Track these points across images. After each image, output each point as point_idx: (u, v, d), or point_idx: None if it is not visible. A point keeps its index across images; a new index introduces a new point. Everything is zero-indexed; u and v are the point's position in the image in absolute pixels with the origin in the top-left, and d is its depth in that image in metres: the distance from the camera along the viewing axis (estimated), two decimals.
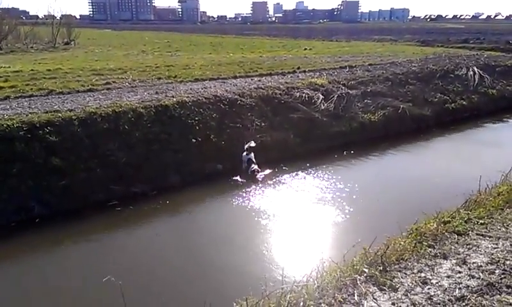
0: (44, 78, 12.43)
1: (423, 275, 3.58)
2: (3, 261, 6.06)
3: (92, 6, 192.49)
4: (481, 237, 4.20)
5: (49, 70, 13.84)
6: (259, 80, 12.91)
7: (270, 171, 9.14)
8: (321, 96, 12.01)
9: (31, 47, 25.67)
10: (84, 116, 8.47)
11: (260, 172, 8.89)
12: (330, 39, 36.81)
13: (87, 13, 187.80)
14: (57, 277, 5.71)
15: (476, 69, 16.52)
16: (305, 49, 24.92)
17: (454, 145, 11.92)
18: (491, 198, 5.18)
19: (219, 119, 9.95)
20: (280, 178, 8.89)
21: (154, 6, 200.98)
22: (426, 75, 15.32)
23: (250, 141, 9.31)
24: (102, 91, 10.84)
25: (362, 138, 11.43)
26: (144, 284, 5.35)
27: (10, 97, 10.00)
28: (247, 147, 9.17)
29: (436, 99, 14.07)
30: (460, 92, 15.00)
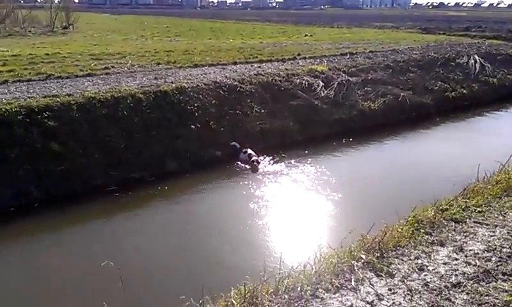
0: (42, 62, 12.34)
1: (420, 261, 3.60)
2: (2, 245, 6.09)
3: None
4: (478, 225, 4.23)
5: (47, 54, 13.73)
6: (259, 66, 12.83)
7: (269, 159, 9.13)
8: (321, 83, 11.96)
9: (29, 31, 25.43)
10: (83, 101, 8.43)
11: (260, 162, 8.81)
12: (331, 25, 36.48)
13: None
14: (56, 261, 5.73)
15: (477, 57, 16.42)
16: (306, 36, 24.70)
17: (454, 133, 11.91)
18: (489, 186, 5.19)
19: (218, 105, 9.92)
20: (279, 166, 8.88)
21: None
22: (427, 63, 15.24)
23: (247, 148, 9.06)
24: (101, 76, 10.77)
25: (362, 126, 11.41)
26: (142, 268, 5.39)
27: (8, 81, 9.94)
28: (244, 151, 9.01)
29: (437, 87, 14.02)
30: (461, 80, 14.94)
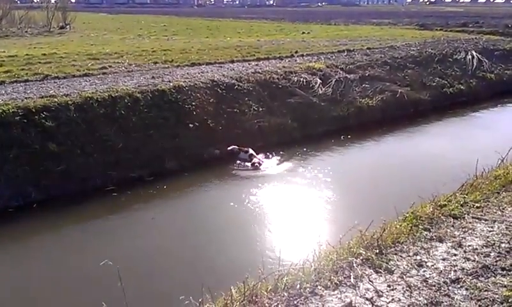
0: (39, 62, 12.29)
1: (418, 258, 3.61)
2: (1, 245, 6.08)
3: None
4: (477, 220, 4.23)
5: (44, 55, 13.67)
6: (256, 64, 12.81)
7: (268, 158, 9.12)
8: (319, 80, 11.95)
9: (26, 32, 25.31)
10: (80, 101, 8.41)
11: (262, 163, 8.76)
12: (328, 22, 36.37)
13: None
14: (55, 261, 5.74)
15: (475, 53, 16.43)
16: (303, 33, 24.65)
17: (452, 129, 11.93)
18: (487, 182, 5.20)
19: (216, 104, 9.91)
20: (278, 164, 8.89)
21: None
22: (424, 59, 15.24)
23: (248, 148, 9.02)
24: (98, 76, 10.73)
25: (360, 123, 11.42)
26: (141, 268, 5.39)
27: (5, 82, 9.89)
28: (245, 150, 8.97)
29: (434, 83, 14.04)
30: (458, 76, 14.95)
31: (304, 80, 11.73)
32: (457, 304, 3.00)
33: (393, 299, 3.10)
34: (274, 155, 9.22)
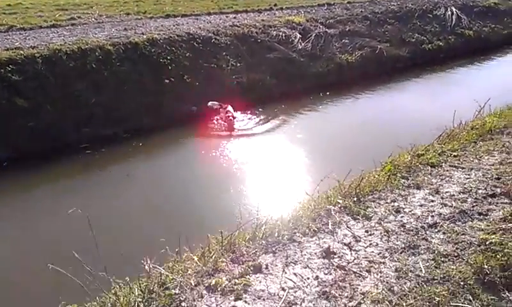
0: (4, 13, 11.56)
1: (396, 204, 3.61)
2: None
3: None
4: (454, 168, 4.25)
5: (9, 5, 12.80)
6: (234, 17, 12.36)
7: (246, 114, 8.95)
8: (298, 35, 11.64)
9: None
10: (48, 54, 7.95)
11: (235, 118, 8.54)
12: None
13: None
14: (25, 219, 5.58)
15: (454, 9, 16.27)
16: None
17: (430, 85, 11.92)
18: (464, 132, 5.22)
19: (192, 58, 9.56)
20: (256, 121, 8.74)
21: None
22: (405, 15, 15.01)
23: (227, 105, 8.76)
24: (67, 27, 10.15)
25: (339, 79, 11.27)
26: (115, 223, 5.30)
27: None
28: (224, 107, 8.74)
29: (414, 39, 13.89)
30: (437, 32, 14.83)
31: (283, 34, 11.41)
32: (434, 247, 3.02)
33: (371, 244, 3.10)
34: (252, 112, 9.05)
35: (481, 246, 2.97)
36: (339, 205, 3.56)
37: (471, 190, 3.78)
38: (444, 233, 3.18)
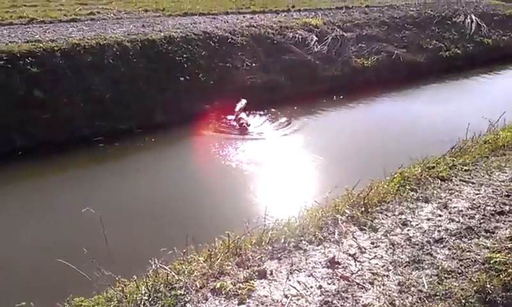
0: (24, 5, 11.77)
1: (404, 217, 3.62)
2: None
3: None
4: (464, 183, 4.24)
5: None
6: (251, 17, 12.40)
7: (259, 115, 9.00)
8: (315, 37, 11.64)
9: None
10: (67, 48, 8.10)
11: (249, 125, 8.42)
12: None
13: None
14: (37, 208, 5.71)
15: (474, 17, 16.06)
16: None
17: (446, 93, 11.80)
18: (477, 146, 5.19)
19: (208, 57, 9.64)
20: (269, 122, 8.78)
21: None
22: (423, 21, 14.88)
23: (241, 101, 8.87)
24: (86, 22, 10.33)
25: (354, 83, 11.22)
26: (125, 218, 5.36)
27: None
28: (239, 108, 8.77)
29: (431, 46, 13.76)
30: (456, 40, 14.66)
31: (300, 36, 11.41)
32: (438, 263, 3.03)
33: (375, 256, 3.12)
34: (265, 112, 9.09)
35: (485, 264, 2.97)
36: (346, 215, 3.58)
37: (479, 206, 3.77)
38: (449, 249, 3.19)
